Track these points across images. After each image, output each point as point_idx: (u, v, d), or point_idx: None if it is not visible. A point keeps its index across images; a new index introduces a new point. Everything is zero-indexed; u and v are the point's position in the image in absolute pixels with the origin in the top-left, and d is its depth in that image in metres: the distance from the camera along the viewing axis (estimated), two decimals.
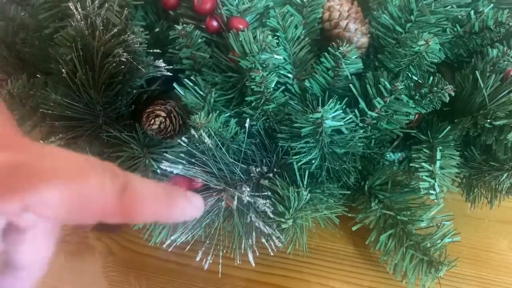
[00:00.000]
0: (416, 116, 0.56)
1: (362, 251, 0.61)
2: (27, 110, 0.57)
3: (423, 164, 0.51)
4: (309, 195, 0.48)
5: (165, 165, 0.47)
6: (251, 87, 0.50)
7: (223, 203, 0.50)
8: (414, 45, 0.49)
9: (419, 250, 0.52)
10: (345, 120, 0.49)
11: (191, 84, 0.54)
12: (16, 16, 0.70)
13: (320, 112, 0.46)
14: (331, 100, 0.49)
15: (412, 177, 0.58)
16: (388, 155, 0.60)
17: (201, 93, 0.54)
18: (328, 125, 0.48)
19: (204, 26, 0.57)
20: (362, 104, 0.52)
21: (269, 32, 0.50)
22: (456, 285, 0.57)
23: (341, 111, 0.48)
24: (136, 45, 0.52)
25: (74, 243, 0.63)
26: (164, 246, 0.50)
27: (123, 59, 0.51)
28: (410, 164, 0.54)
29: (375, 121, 0.53)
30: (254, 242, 0.49)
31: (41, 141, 0.58)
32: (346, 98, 0.51)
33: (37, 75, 0.58)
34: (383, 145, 0.59)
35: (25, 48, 0.65)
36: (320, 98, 0.55)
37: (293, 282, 0.59)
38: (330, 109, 0.47)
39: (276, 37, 0.53)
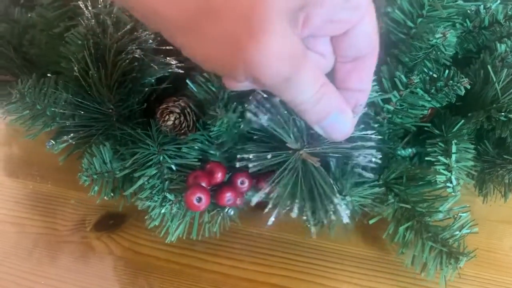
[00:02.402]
0: (429, 110, 0.56)
1: (362, 251, 0.61)
2: (37, 110, 0.57)
3: (439, 157, 0.51)
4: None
5: (254, 106, 0.45)
6: None
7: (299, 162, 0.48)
8: (431, 37, 0.49)
9: (438, 242, 0.52)
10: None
11: (203, 80, 0.54)
12: (21, 18, 0.70)
13: None
14: None
15: (428, 171, 0.58)
16: (398, 151, 0.60)
17: (213, 89, 0.54)
18: None
19: None
20: (378, 98, 0.52)
21: None
22: (457, 285, 0.57)
23: None
24: (149, 42, 0.52)
25: (74, 243, 0.62)
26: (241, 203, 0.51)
27: (136, 55, 0.50)
28: (426, 158, 0.53)
29: (390, 115, 0.53)
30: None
31: (52, 141, 0.57)
32: None
33: (48, 75, 0.58)
34: (395, 140, 0.59)
35: (31, 49, 0.65)
36: None
37: (294, 282, 0.58)
38: None
39: None
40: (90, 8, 0.54)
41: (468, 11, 0.59)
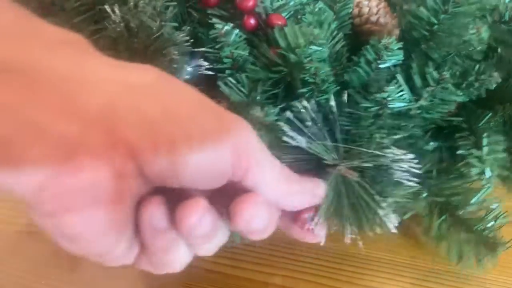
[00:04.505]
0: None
1: (362, 251, 0.62)
2: None
3: (472, 150, 0.52)
4: None
5: (292, 134, 0.46)
6: (305, 78, 0.51)
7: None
8: (464, 33, 0.50)
9: (473, 233, 0.53)
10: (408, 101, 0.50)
11: (234, 82, 0.54)
12: None
13: (386, 91, 0.47)
14: (393, 81, 0.49)
15: (459, 163, 0.58)
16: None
17: (244, 91, 0.54)
18: (393, 106, 0.48)
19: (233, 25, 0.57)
20: (409, 94, 0.53)
21: (313, 27, 0.51)
22: (459, 285, 0.58)
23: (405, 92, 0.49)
24: (185, 44, 0.52)
25: None
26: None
27: (174, 57, 0.50)
28: (458, 152, 0.54)
29: (420, 111, 0.54)
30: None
31: None
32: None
33: None
34: (422, 135, 0.59)
35: None
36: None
37: (294, 282, 0.59)
38: (396, 88, 0.48)
39: None
40: (117, 11, 0.53)
41: (487, 6, 0.61)
